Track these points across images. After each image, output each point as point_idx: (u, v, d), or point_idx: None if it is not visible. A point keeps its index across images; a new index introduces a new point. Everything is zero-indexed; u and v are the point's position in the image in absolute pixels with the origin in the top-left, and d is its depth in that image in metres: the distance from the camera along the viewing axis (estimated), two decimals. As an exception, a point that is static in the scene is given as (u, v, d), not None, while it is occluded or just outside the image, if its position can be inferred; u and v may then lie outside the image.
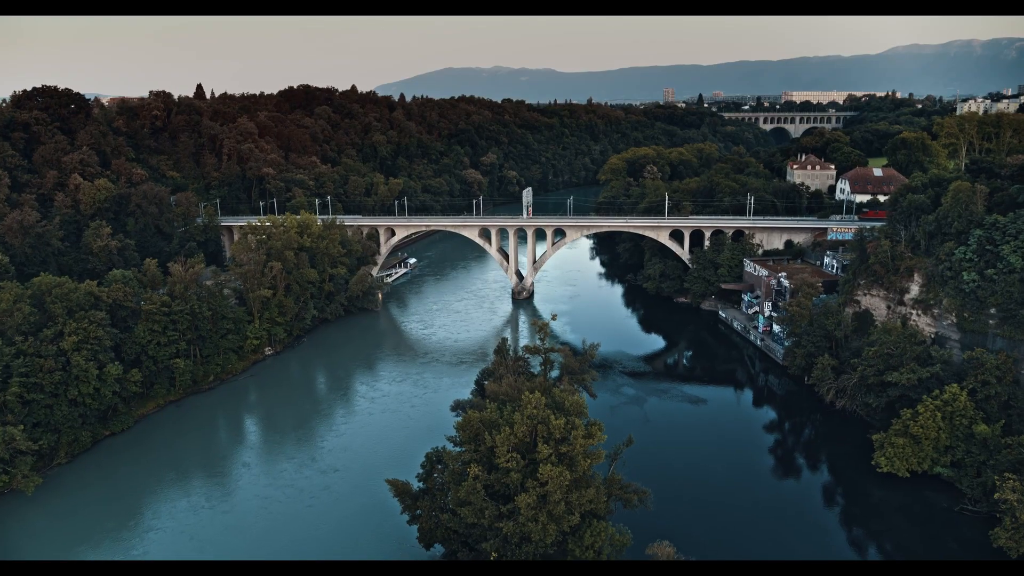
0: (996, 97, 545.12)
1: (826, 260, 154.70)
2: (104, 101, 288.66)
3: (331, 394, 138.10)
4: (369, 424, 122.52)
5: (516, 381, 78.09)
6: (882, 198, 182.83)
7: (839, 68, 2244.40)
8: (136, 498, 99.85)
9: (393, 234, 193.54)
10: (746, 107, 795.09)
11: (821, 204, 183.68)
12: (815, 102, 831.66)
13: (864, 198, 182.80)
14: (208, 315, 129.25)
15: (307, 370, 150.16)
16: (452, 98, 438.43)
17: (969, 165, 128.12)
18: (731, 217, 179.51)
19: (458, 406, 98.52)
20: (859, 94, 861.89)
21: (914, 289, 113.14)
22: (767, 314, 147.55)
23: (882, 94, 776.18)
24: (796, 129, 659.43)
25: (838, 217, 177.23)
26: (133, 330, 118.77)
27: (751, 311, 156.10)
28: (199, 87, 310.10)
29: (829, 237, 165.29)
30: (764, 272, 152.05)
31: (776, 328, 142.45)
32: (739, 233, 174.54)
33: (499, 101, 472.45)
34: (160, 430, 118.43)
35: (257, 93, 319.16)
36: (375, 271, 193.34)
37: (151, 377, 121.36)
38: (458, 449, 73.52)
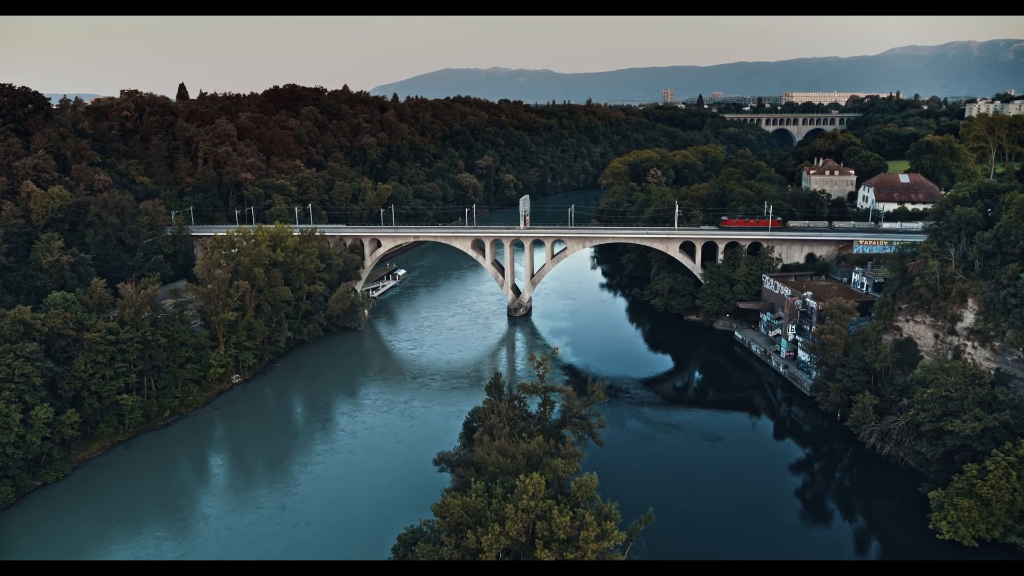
0: (1006, 98, 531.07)
1: (855, 277, 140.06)
2: (88, 103, 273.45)
3: (307, 428, 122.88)
4: (349, 465, 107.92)
5: (510, 444, 63.34)
6: (910, 206, 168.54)
7: (837, 69, 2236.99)
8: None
9: (379, 245, 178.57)
10: (747, 108, 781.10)
11: (844, 213, 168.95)
12: (816, 103, 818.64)
13: (891, 207, 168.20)
14: (164, 342, 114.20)
15: (280, 400, 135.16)
16: (447, 98, 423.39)
17: (1022, 171, 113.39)
18: (749, 228, 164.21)
19: (442, 460, 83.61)
20: (862, 95, 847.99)
21: (968, 317, 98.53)
22: (791, 337, 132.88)
23: (885, 95, 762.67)
24: (799, 131, 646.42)
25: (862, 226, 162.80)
26: (73, 363, 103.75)
27: (772, 333, 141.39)
28: (181, 87, 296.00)
29: (855, 250, 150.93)
30: (786, 290, 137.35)
31: (802, 354, 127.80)
32: (756, 245, 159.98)
33: (496, 102, 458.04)
34: (104, 476, 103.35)
35: (239, 93, 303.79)
36: (359, 286, 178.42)
37: (95, 415, 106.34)
38: (437, 535, 58.73)
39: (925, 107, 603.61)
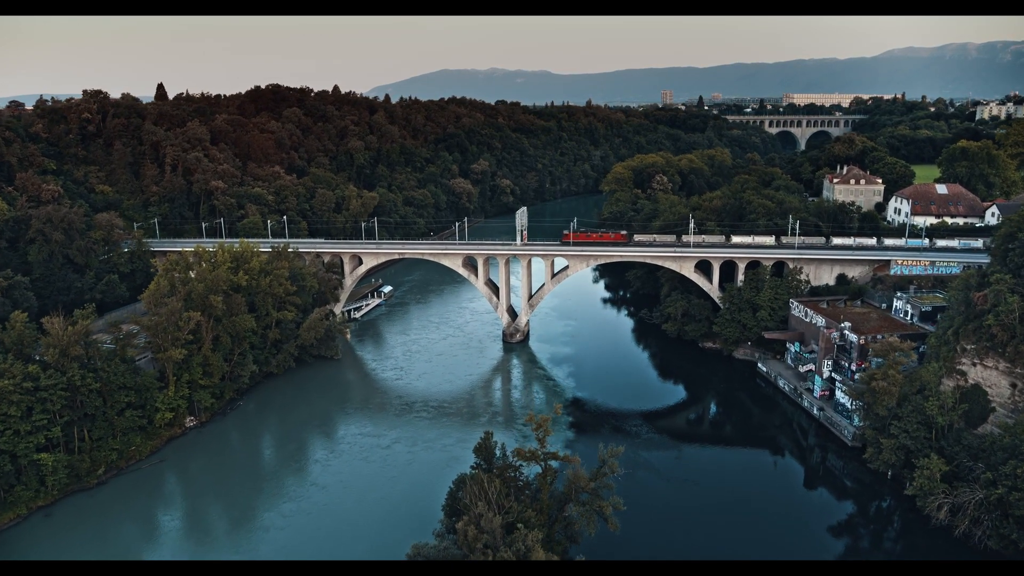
0: (1017, 100, 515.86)
1: (896, 304, 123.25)
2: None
3: (271, 481, 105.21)
4: (318, 530, 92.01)
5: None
6: (950, 220, 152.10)
7: (835, 70, 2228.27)
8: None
9: (360, 263, 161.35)
10: (748, 110, 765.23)
11: (877, 228, 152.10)
12: (819, 104, 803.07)
13: (929, 220, 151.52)
14: (97, 387, 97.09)
15: (240, 446, 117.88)
16: (441, 99, 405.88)
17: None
18: (775, 247, 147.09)
19: (418, 554, 66.65)
20: (864, 96, 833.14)
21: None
22: (826, 375, 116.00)
23: (889, 97, 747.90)
24: (803, 133, 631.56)
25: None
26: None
27: (803, 368, 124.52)
28: (159, 87, 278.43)
29: (892, 271, 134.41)
30: (820, 320, 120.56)
31: (840, 396, 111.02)
32: (779, 264, 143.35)
33: (493, 103, 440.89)
34: (15, 551, 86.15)
35: (218, 94, 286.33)
36: (339, 307, 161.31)
37: (8, 479, 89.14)
38: None
39: (932, 109, 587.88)
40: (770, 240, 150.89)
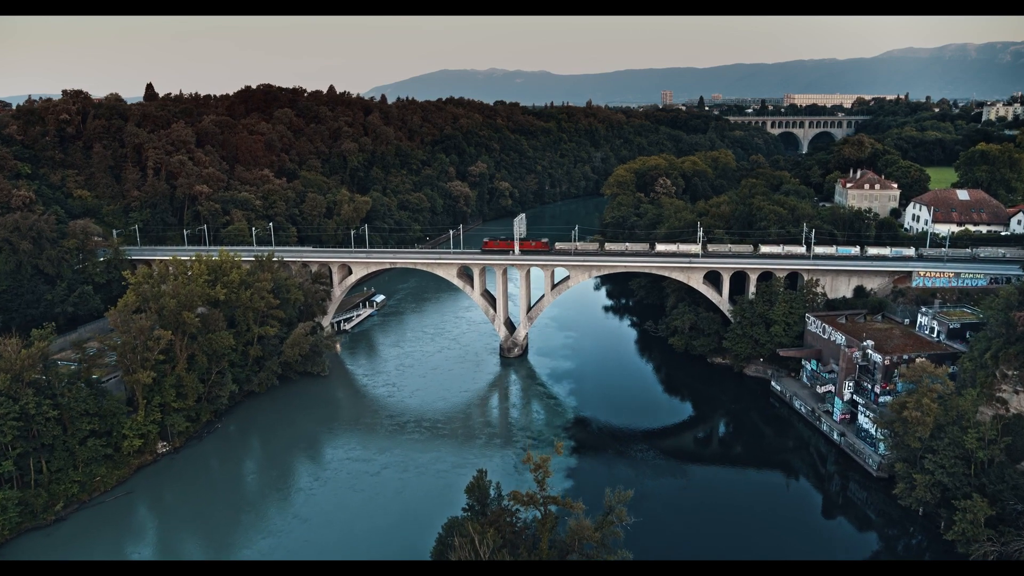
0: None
1: (921, 320, 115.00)
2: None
3: (248, 514, 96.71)
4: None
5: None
6: (972, 228, 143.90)
7: (835, 71, 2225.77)
8: None
9: (350, 272, 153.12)
10: (749, 110, 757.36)
11: (895, 237, 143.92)
12: (820, 105, 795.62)
13: (951, 228, 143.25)
14: (55, 415, 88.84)
15: (216, 473, 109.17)
16: (438, 100, 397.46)
17: None
18: (792, 258, 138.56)
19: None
20: (867, 97, 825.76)
21: (1114, 397, 73.83)
22: (847, 397, 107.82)
23: (892, 97, 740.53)
24: (805, 134, 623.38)
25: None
26: (-81, 451, 78.52)
27: (821, 389, 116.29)
28: (149, 87, 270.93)
29: (914, 283, 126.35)
30: (840, 337, 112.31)
31: (863, 420, 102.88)
32: (792, 275, 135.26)
33: (491, 104, 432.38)
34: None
35: (208, 95, 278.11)
36: (327, 319, 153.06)
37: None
38: None
39: (937, 110, 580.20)
40: (695, 248, 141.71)
